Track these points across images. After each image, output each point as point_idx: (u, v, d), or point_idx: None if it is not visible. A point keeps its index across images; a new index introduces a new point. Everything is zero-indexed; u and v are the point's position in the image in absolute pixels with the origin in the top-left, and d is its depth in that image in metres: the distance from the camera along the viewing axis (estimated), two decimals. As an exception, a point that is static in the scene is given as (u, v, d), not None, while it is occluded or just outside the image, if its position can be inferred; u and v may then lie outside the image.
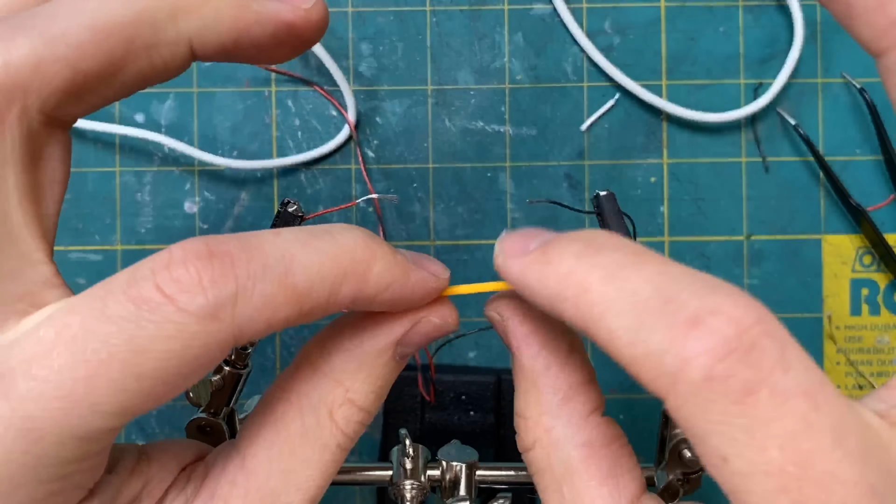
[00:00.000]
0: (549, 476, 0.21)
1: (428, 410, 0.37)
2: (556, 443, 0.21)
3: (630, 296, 0.17)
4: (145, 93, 0.39)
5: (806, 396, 0.15)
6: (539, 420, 0.22)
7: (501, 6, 0.39)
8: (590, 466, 0.21)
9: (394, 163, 0.39)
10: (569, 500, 0.21)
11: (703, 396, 0.15)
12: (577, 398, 0.22)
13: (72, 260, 0.38)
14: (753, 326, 0.15)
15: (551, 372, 0.22)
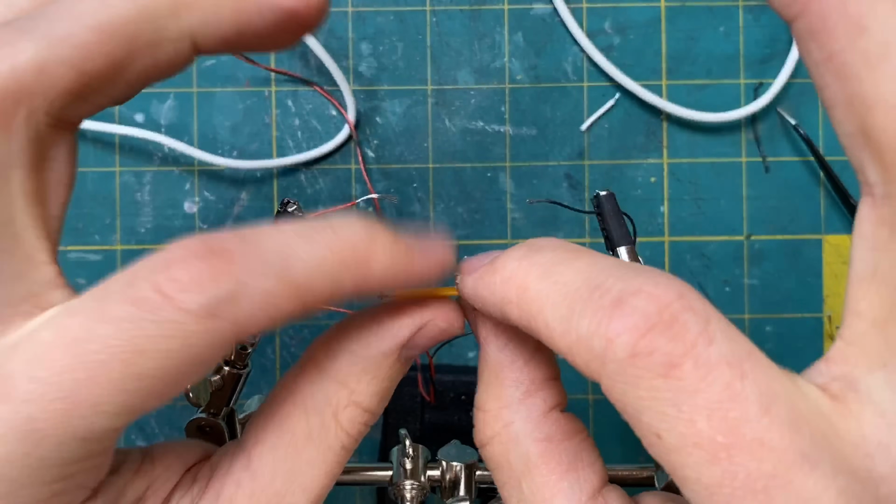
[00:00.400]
0: (507, 471, 0.21)
1: (428, 410, 0.37)
2: (515, 437, 0.21)
3: (563, 287, 0.18)
4: (145, 93, 0.39)
5: (730, 366, 0.16)
6: (499, 414, 0.22)
7: (501, 6, 0.39)
8: (549, 461, 0.21)
9: (394, 163, 0.39)
10: (528, 495, 0.21)
11: (629, 374, 0.16)
12: (539, 394, 0.22)
13: (72, 260, 0.38)
14: (674, 302, 0.16)
15: (516, 366, 0.22)
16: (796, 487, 0.15)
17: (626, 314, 0.16)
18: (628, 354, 0.16)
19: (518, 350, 0.22)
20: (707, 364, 0.16)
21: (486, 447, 0.22)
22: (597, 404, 0.39)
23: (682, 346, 0.16)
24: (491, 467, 0.22)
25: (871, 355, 0.17)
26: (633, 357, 0.16)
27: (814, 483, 0.15)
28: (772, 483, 0.15)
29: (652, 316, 0.16)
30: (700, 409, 0.15)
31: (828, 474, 0.15)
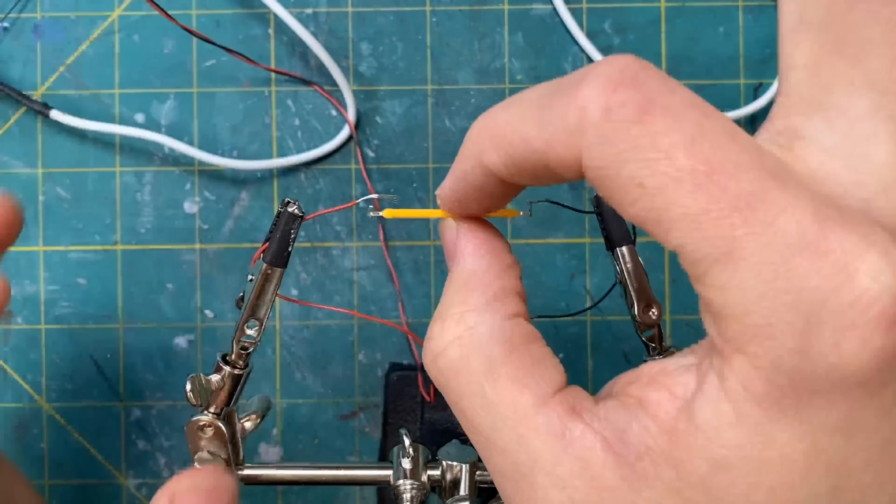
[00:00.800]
0: (467, 377, 0.21)
1: (428, 410, 0.37)
2: (479, 340, 0.21)
3: (525, 102, 0.20)
4: (145, 92, 0.39)
5: (696, 108, 0.17)
6: (462, 317, 0.22)
7: (501, 6, 0.39)
8: (514, 360, 0.21)
9: (394, 163, 0.39)
10: (491, 397, 0.21)
11: (607, 130, 0.17)
12: (506, 300, 0.23)
13: (72, 260, 0.38)
14: (631, 64, 0.18)
15: (488, 274, 0.23)
16: (772, 198, 0.16)
17: (590, 82, 0.18)
18: (602, 111, 0.17)
19: (491, 262, 0.23)
20: (675, 108, 0.17)
21: (444, 353, 0.22)
22: (597, 404, 0.39)
23: (650, 94, 0.17)
24: (446, 377, 0.22)
25: (808, 101, 0.19)
26: (608, 112, 0.17)
27: (786, 195, 0.16)
28: (752, 199, 0.16)
29: (615, 76, 0.17)
30: (677, 146, 0.17)
31: (796, 189, 0.17)
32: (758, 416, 0.17)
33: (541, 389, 0.20)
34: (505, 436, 0.20)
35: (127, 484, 0.38)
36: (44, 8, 0.39)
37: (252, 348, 0.29)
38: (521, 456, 0.20)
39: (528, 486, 0.20)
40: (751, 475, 0.17)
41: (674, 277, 0.39)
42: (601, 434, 0.19)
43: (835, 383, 0.16)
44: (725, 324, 0.17)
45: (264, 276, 0.27)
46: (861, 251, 0.16)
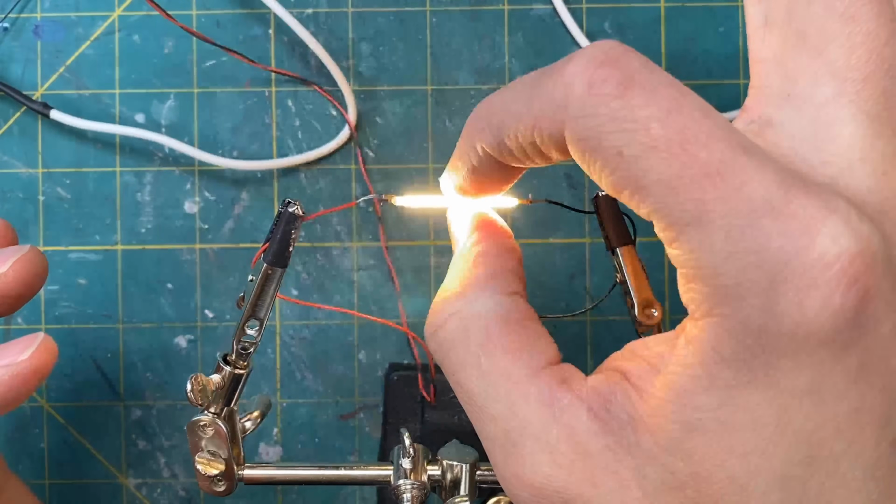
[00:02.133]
0: (465, 348, 0.22)
1: (428, 410, 0.37)
2: (478, 313, 0.23)
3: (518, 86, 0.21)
4: (145, 92, 0.39)
5: (672, 86, 0.18)
6: (462, 292, 0.23)
7: (501, 6, 0.39)
8: (510, 334, 0.22)
9: (394, 163, 0.39)
10: (486, 368, 0.22)
11: (589, 103, 0.18)
12: (504, 278, 0.24)
13: (72, 260, 0.38)
14: (615, 47, 0.19)
15: (490, 254, 0.24)
16: (740, 166, 0.17)
17: (576, 61, 0.19)
18: (586, 86, 0.18)
19: (493, 243, 0.25)
20: (652, 85, 0.18)
21: (444, 326, 0.23)
22: (596, 404, 0.39)
23: (630, 72, 0.18)
24: (445, 349, 0.23)
25: (776, 92, 0.20)
26: (591, 87, 0.18)
27: (753, 164, 0.17)
28: (721, 166, 0.17)
29: (599, 56, 0.19)
30: (654, 118, 0.18)
31: (763, 159, 0.18)
32: (728, 378, 0.17)
33: (534, 361, 0.21)
34: (497, 404, 0.21)
35: (127, 484, 0.38)
36: (44, 8, 0.39)
37: (252, 348, 0.29)
38: (511, 423, 0.21)
39: (517, 452, 0.21)
40: (724, 439, 0.18)
41: (673, 277, 0.39)
42: (587, 403, 0.20)
43: (799, 343, 0.17)
44: (696, 286, 0.18)
45: (265, 276, 0.27)
46: (823, 216, 0.17)
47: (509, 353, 0.22)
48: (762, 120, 0.20)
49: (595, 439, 0.19)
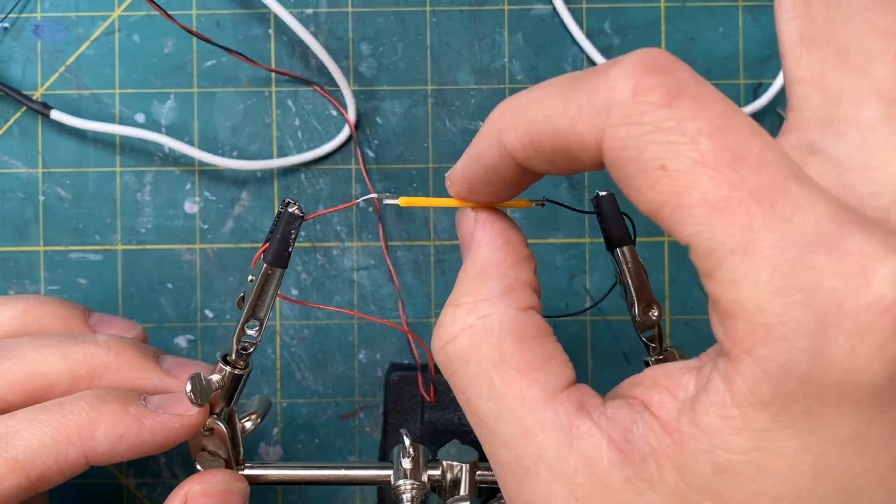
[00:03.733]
0: (477, 366, 0.21)
1: (428, 410, 0.37)
2: (490, 329, 0.21)
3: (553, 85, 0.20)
4: (145, 92, 0.39)
5: (722, 101, 0.17)
6: (475, 306, 0.22)
7: (501, 6, 0.39)
8: (525, 353, 0.21)
9: (394, 163, 0.39)
10: (500, 388, 0.20)
11: (634, 111, 0.17)
12: (520, 291, 0.22)
13: (72, 260, 0.38)
14: (662, 55, 0.18)
15: (504, 264, 0.23)
16: (792, 194, 0.16)
17: (622, 65, 0.18)
18: (631, 93, 0.17)
19: (507, 253, 0.23)
20: (703, 98, 0.17)
21: (454, 341, 0.22)
22: (596, 404, 0.39)
23: (679, 83, 0.17)
24: (455, 365, 0.22)
25: (818, 115, 0.19)
26: (636, 94, 0.17)
27: (806, 193, 0.16)
28: (772, 193, 0.16)
29: (647, 63, 0.17)
30: (703, 132, 0.17)
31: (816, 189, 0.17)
32: (765, 422, 0.16)
33: (550, 384, 0.20)
34: (510, 427, 0.20)
35: (127, 484, 0.38)
36: (44, 8, 0.39)
37: (252, 348, 0.29)
38: (525, 449, 0.20)
39: (530, 480, 0.20)
40: (756, 482, 0.17)
41: (673, 277, 0.39)
42: (607, 433, 0.19)
43: (847, 392, 0.16)
44: (734, 323, 0.17)
45: (265, 277, 0.27)
46: (880, 255, 0.16)
47: (523, 373, 0.20)
48: (804, 146, 0.19)
49: (615, 472, 0.18)
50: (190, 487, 0.27)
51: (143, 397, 0.28)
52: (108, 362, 0.28)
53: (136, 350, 0.29)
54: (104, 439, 0.26)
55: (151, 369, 0.29)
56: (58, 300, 0.31)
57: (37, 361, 0.27)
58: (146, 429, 0.26)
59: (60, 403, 0.26)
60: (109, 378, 0.28)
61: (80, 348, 0.28)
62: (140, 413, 0.26)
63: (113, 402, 0.26)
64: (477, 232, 0.24)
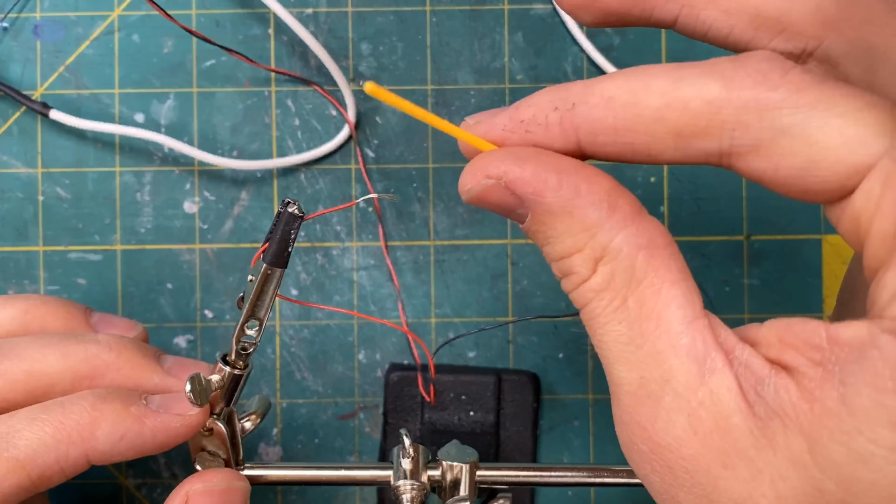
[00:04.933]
0: (609, 296, 0.19)
1: (428, 410, 0.37)
2: (620, 252, 0.19)
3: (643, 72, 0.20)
4: (145, 92, 0.39)
5: None
6: (594, 242, 0.19)
7: (501, 6, 0.39)
8: (658, 268, 0.19)
9: (394, 163, 0.39)
10: (634, 311, 0.19)
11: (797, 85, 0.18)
12: (621, 200, 0.20)
13: (71, 260, 0.38)
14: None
15: (582, 189, 0.20)
16: None
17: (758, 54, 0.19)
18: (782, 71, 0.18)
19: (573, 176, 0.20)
20: None
21: (585, 284, 0.20)
22: (597, 404, 0.39)
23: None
24: (598, 310, 0.20)
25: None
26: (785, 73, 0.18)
27: None
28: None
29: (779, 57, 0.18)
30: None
31: None
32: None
33: (688, 303, 0.19)
34: (641, 350, 0.19)
35: (127, 484, 0.38)
36: (43, 8, 0.39)
37: (252, 348, 0.29)
38: (653, 372, 0.19)
39: (652, 404, 0.19)
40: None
41: (674, 277, 0.39)
42: (739, 378, 0.18)
43: None
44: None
45: (264, 277, 0.27)
46: None
47: (662, 290, 0.19)
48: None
49: (739, 419, 0.17)
50: (191, 486, 0.27)
51: (145, 397, 0.28)
52: (109, 362, 0.28)
53: (138, 350, 0.29)
54: (105, 439, 0.26)
55: (152, 369, 0.29)
56: (58, 299, 0.31)
57: (38, 361, 0.27)
58: (147, 428, 0.26)
59: (61, 403, 0.26)
60: (110, 378, 0.28)
61: (82, 348, 0.28)
62: (141, 413, 0.27)
63: (114, 402, 0.26)
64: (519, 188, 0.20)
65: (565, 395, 0.39)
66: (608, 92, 0.19)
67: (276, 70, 0.38)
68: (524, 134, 0.20)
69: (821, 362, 0.17)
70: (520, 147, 0.21)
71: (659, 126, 0.19)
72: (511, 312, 0.39)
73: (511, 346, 0.39)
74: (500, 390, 0.37)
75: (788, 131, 0.17)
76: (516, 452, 0.38)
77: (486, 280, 0.39)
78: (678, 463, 0.18)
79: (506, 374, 0.38)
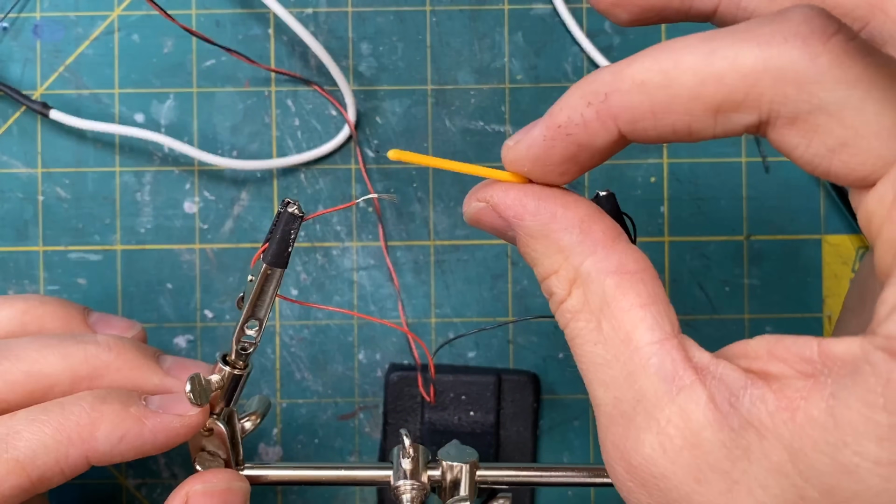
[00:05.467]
0: (585, 318, 0.20)
1: (428, 410, 0.37)
2: (588, 276, 0.20)
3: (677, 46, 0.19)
4: (145, 92, 0.39)
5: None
6: (567, 264, 0.21)
7: (501, 6, 0.39)
8: (627, 291, 0.20)
9: (394, 163, 0.39)
10: (608, 333, 0.20)
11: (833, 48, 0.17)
12: (595, 226, 0.21)
13: (71, 260, 0.38)
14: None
15: (558, 214, 0.21)
16: None
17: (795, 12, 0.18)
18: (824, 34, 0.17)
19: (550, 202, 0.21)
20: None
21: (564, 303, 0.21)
22: (597, 404, 0.39)
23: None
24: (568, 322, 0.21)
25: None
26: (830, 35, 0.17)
27: None
28: None
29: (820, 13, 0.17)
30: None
31: None
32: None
33: (658, 326, 0.19)
34: (613, 370, 0.19)
35: (127, 484, 0.38)
36: (43, 8, 0.39)
37: (252, 348, 0.29)
38: (626, 392, 0.19)
39: (624, 424, 0.19)
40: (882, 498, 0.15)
41: (674, 277, 0.39)
42: (711, 391, 0.18)
43: None
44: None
45: (264, 277, 0.27)
46: None
47: (631, 312, 0.19)
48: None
49: (710, 433, 0.18)
50: (191, 487, 0.27)
51: (144, 397, 0.28)
52: (109, 362, 0.28)
53: (137, 350, 0.29)
54: (105, 439, 0.26)
55: (152, 369, 0.29)
56: (57, 299, 0.31)
57: (37, 361, 0.27)
58: (147, 429, 0.26)
59: (61, 404, 0.26)
60: (110, 378, 0.28)
61: (81, 348, 0.28)
62: (141, 413, 0.27)
63: (114, 403, 0.26)
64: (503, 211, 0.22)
65: (565, 395, 0.39)
66: (639, 76, 0.19)
67: (276, 70, 0.38)
68: (566, 138, 0.20)
69: (812, 374, 0.17)
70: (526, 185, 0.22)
71: (696, 104, 0.18)
72: (511, 312, 0.39)
73: (511, 346, 0.39)
74: (500, 390, 0.37)
75: (826, 108, 0.17)
76: (516, 452, 0.38)
77: (486, 280, 0.39)
78: (652, 482, 0.18)
79: (506, 375, 0.38)
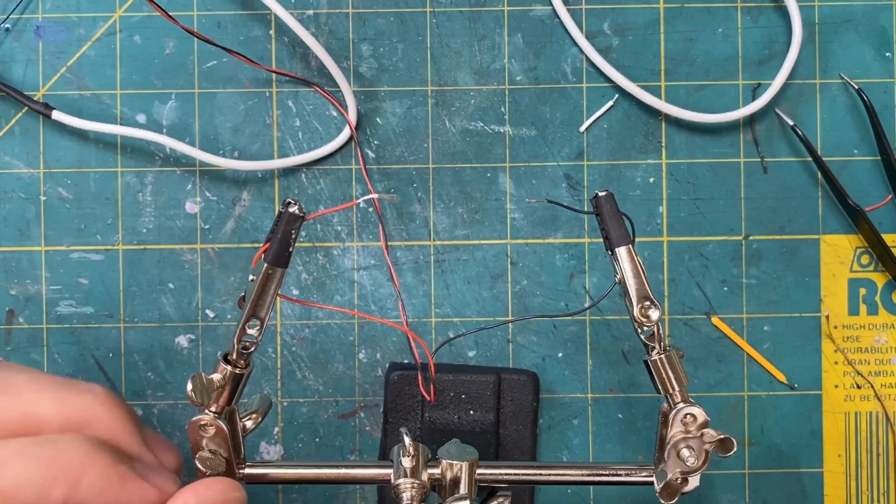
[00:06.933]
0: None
1: (428, 410, 0.37)
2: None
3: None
4: (147, 93, 0.39)
5: None
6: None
7: (501, 7, 0.39)
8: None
9: (394, 163, 0.39)
10: None
11: None
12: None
13: (73, 260, 0.39)
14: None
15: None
16: None
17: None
18: None
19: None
20: None
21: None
22: (595, 403, 0.39)
23: None
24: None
25: None
26: None
27: None
28: None
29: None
30: None
31: None
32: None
33: None
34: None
35: (128, 483, 0.39)
36: (45, 9, 0.39)
37: (253, 348, 0.29)
38: None
39: None
40: None
41: (673, 277, 0.39)
42: None
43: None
44: None
45: (265, 276, 0.27)
46: None
47: None
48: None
49: None
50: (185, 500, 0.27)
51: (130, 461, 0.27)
52: (100, 417, 0.28)
53: (127, 412, 0.29)
54: (88, 489, 0.25)
55: (136, 435, 0.29)
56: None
57: (34, 402, 0.27)
58: (125, 492, 0.26)
59: (53, 441, 0.26)
60: (97, 432, 0.28)
61: (78, 398, 0.28)
62: (125, 474, 0.26)
63: (105, 454, 0.26)
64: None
65: (565, 395, 0.39)
66: None
67: (277, 71, 0.39)
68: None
69: None
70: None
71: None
72: (511, 312, 0.39)
73: (511, 345, 0.39)
74: (499, 389, 0.38)
75: None
76: (516, 451, 0.38)
77: (486, 280, 0.39)
78: None
79: (505, 374, 0.38)
